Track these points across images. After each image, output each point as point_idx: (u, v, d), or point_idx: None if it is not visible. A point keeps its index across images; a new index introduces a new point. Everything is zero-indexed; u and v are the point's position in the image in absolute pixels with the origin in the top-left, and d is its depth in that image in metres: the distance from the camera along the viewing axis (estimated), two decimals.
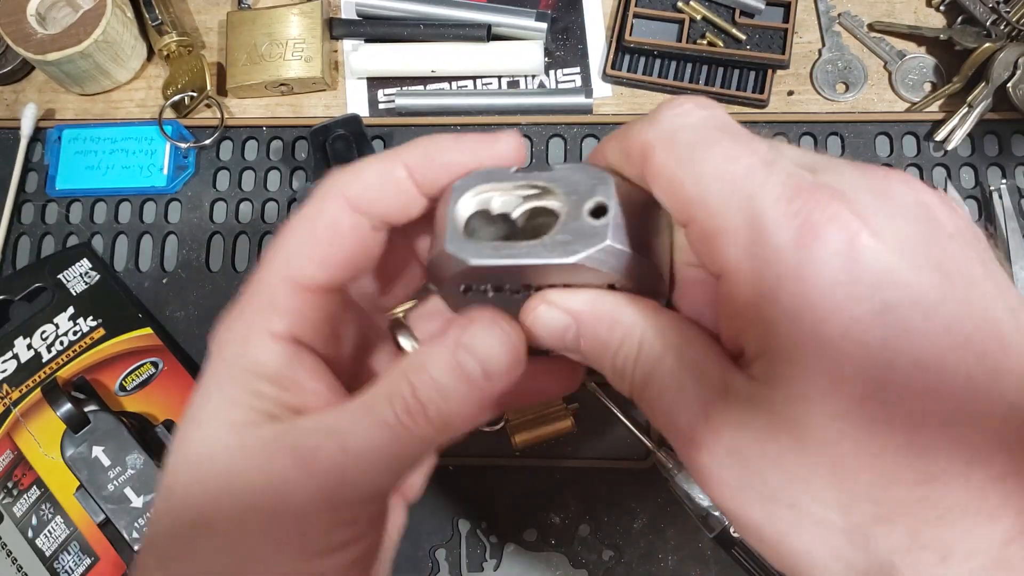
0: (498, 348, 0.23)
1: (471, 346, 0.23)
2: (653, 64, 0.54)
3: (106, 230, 0.53)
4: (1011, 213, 0.49)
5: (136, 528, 0.43)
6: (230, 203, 0.53)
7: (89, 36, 0.51)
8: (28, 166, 0.54)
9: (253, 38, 0.54)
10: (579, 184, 0.23)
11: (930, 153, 0.52)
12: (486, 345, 0.23)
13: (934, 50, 0.54)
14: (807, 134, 0.53)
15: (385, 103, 0.55)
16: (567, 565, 0.46)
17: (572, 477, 0.47)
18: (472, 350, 0.23)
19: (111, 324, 0.49)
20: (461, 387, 0.23)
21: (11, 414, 0.47)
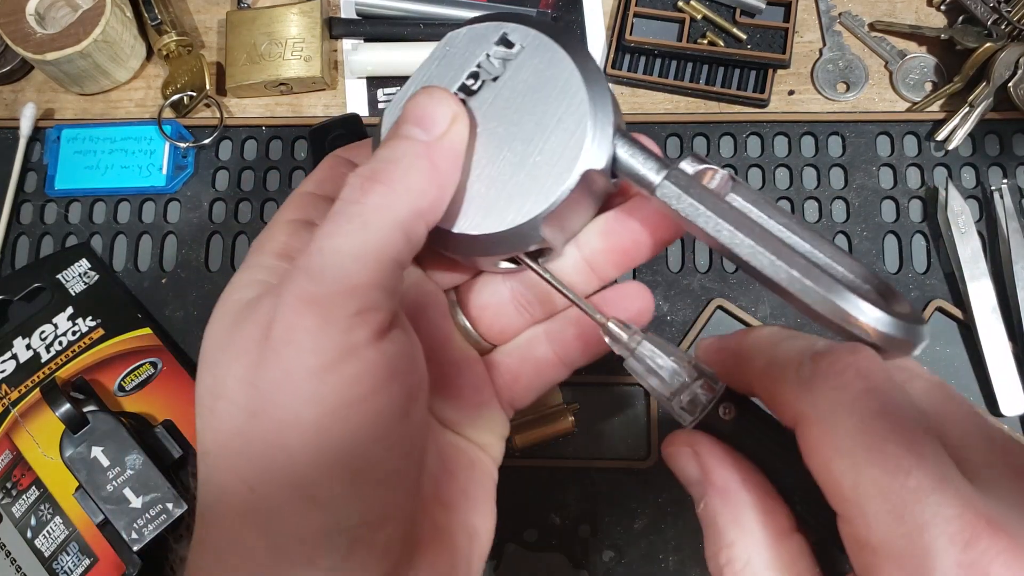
0: (424, 102, 0.24)
1: (403, 117, 0.24)
2: (653, 63, 0.54)
3: (105, 230, 0.53)
4: (1012, 213, 0.49)
5: (135, 528, 0.42)
6: (229, 203, 0.53)
7: (88, 36, 0.51)
8: (27, 166, 0.54)
9: (252, 38, 0.54)
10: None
11: (931, 153, 0.52)
12: (415, 108, 0.24)
13: (935, 50, 0.54)
14: (808, 134, 0.52)
15: (385, 103, 0.55)
16: (567, 566, 0.45)
17: (572, 477, 0.47)
18: (404, 118, 0.24)
19: (110, 324, 0.49)
20: (402, 147, 0.23)
21: (10, 414, 0.47)
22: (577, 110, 0.24)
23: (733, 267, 0.50)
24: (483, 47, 0.24)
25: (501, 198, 0.25)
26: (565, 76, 0.24)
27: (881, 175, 0.52)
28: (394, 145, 0.23)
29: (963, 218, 0.49)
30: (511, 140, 0.25)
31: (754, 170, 0.52)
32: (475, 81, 0.24)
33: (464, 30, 0.24)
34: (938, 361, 0.48)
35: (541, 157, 0.24)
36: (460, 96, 0.25)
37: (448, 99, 0.24)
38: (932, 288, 0.49)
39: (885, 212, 0.51)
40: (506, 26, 0.24)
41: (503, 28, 0.24)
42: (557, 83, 0.24)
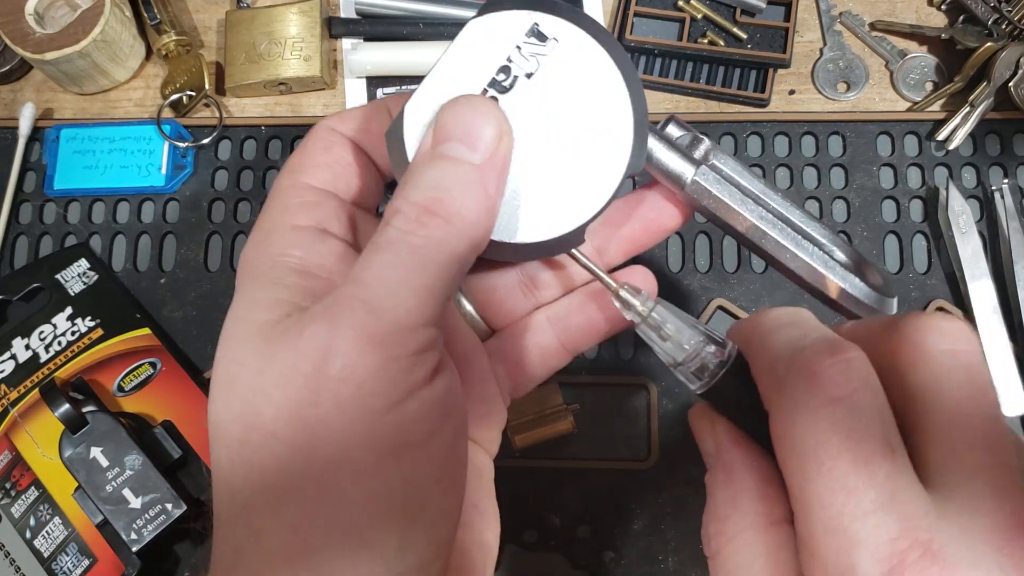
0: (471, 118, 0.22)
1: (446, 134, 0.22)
2: (654, 63, 0.54)
3: (104, 230, 0.53)
4: (1012, 213, 0.49)
5: (134, 529, 0.42)
6: (228, 203, 0.53)
7: (87, 35, 0.50)
8: (26, 166, 0.54)
9: (252, 37, 0.54)
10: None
11: (931, 153, 0.52)
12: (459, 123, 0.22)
13: (936, 49, 0.54)
14: (808, 133, 0.52)
15: None
16: (567, 566, 0.45)
17: (572, 477, 0.47)
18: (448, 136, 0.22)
19: (109, 324, 0.49)
20: (452, 172, 0.22)
21: (9, 415, 0.46)
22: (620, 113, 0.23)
23: (733, 267, 0.50)
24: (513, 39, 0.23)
25: (547, 206, 0.24)
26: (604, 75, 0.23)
27: (882, 175, 0.51)
28: (443, 168, 0.22)
29: (964, 218, 0.48)
30: (552, 144, 0.23)
31: (754, 170, 0.52)
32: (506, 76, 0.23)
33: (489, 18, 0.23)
34: None
35: (585, 162, 0.24)
36: (492, 94, 0.23)
37: (494, 112, 0.23)
38: (933, 288, 0.49)
39: (886, 212, 0.51)
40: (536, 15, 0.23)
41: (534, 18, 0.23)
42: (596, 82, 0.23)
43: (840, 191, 0.51)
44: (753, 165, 0.52)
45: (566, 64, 0.23)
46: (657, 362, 0.48)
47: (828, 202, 0.51)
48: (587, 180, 0.24)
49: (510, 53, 0.23)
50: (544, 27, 0.23)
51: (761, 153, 0.52)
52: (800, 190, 0.51)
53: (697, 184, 0.25)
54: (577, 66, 0.23)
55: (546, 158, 0.24)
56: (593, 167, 0.24)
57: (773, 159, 0.52)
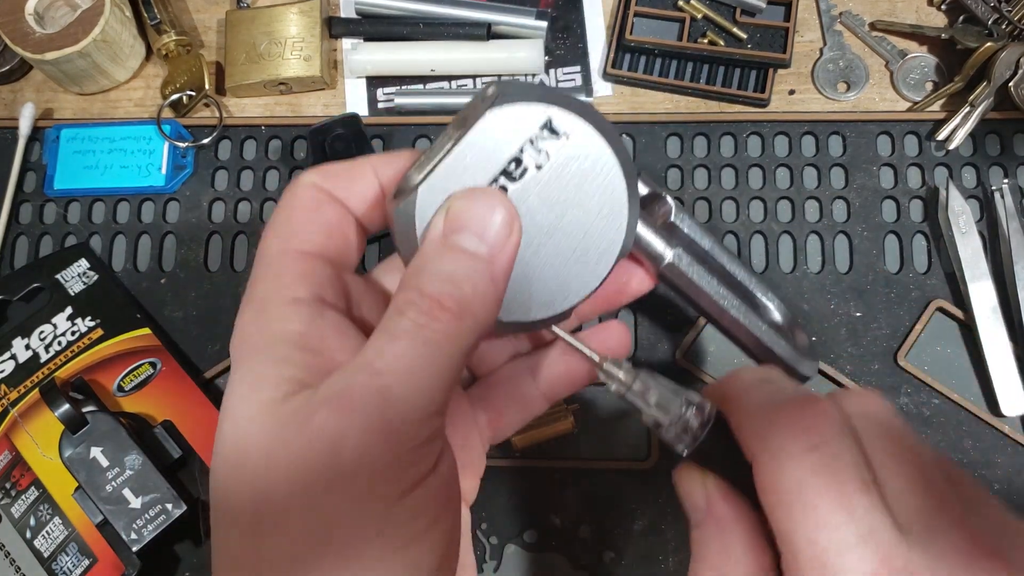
0: (487, 213, 0.23)
1: (461, 223, 0.23)
2: (654, 63, 0.54)
3: (104, 230, 0.53)
4: (1012, 213, 0.49)
5: (134, 529, 0.42)
6: (228, 203, 0.53)
7: (87, 35, 0.50)
8: (26, 166, 0.54)
9: (252, 37, 0.54)
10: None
11: (932, 152, 0.52)
12: (475, 216, 0.23)
13: (936, 49, 0.54)
14: (808, 133, 0.52)
15: (384, 102, 0.55)
16: (567, 566, 0.45)
17: (572, 477, 0.47)
18: (463, 226, 0.23)
19: (109, 324, 0.49)
20: (464, 265, 0.22)
21: (9, 415, 0.46)
22: (617, 206, 0.25)
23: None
24: (527, 131, 0.24)
25: (542, 288, 0.25)
26: (608, 171, 0.25)
27: (882, 175, 0.51)
28: (457, 261, 0.22)
29: (964, 218, 0.48)
30: (554, 231, 0.25)
31: (755, 170, 0.52)
32: (518, 167, 0.24)
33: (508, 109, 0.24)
34: (939, 361, 0.48)
35: (582, 249, 0.25)
36: (503, 182, 0.24)
37: (507, 208, 0.23)
38: (933, 288, 0.49)
39: (886, 212, 0.51)
40: (551, 110, 0.24)
41: (549, 112, 0.24)
42: (600, 178, 0.25)
43: (840, 191, 0.51)
44: (753, 165, 0.52)
45: (575, 159, 0.24)
46: (657, 362, 0.48)
47: (828, 202, 0.51)
48: (582, 265, 0.25)
49: (523, 145, 0.24)
50: (557, 122, 0.24)
51: (761, 153, 0.52)
52: (800, 190, 0.51)
53: (672, 266, 0.29)
54: (584, 161, 0.25)
55: (547, 244, 0.25)
56: (589, 253, 0.25)
57: (773, 159, 0.52)
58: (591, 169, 0.25)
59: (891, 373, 0.48)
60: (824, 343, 0.48)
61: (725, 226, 0.51)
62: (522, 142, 0.24)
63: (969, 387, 0.47)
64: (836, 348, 0.48)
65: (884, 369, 0.48)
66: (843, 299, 0.49)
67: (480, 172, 0.24)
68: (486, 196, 0.23)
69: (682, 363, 0.48)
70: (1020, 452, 0.46)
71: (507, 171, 0.24)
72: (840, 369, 0.48)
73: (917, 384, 0.47)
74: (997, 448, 0.46)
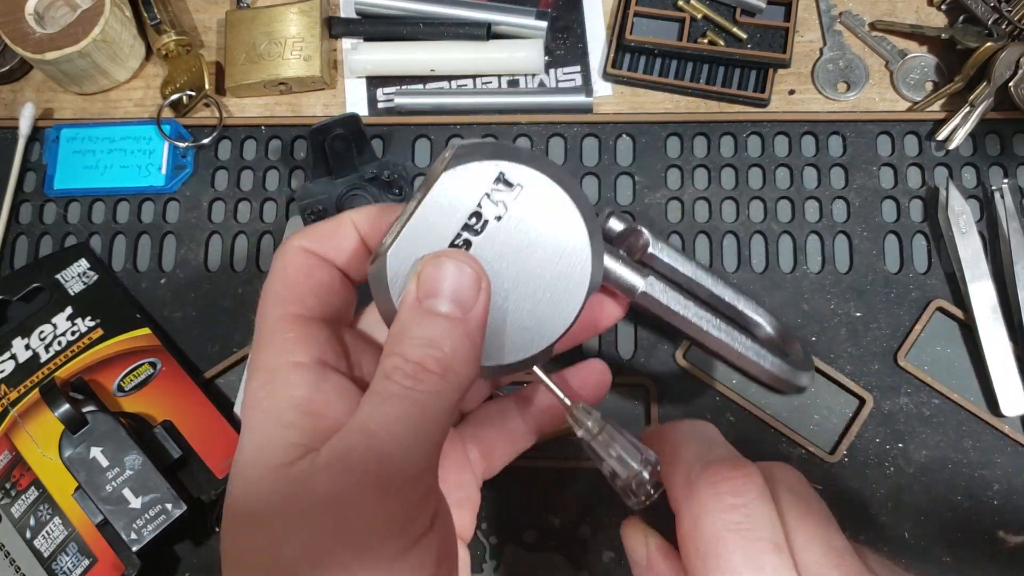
0: (455, 276, 0.24)
1: (432, 289, 0.24)
2: (654, 63, 0.54)
3: (104, 230, 0.53)
4: (1012, 213, 0.49)
5: (134, 529, 0.42)
6: (228, 203, 0.53)
7: (87, 35, 0.50)
8: (26, 166, 0.54)
9: (252, 37, 0.54)
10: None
11: (932, 152, 0.52)
12: (444, 280, 0.24)
13: (936, 49, 0.54)
14: (808, 133, 0.52)
15: (384, 102, 0.55)
16: (567, 567, 0.45)
17: (572, 477, 0.47)
18: (434, 292, 0.24)
19: (109, 324, 0.49)
20: (443, 328, 0.24)
21: (9, 415, 0.46)
22: (579, 245, 0.26)
23: (733, 267, 0.50)
24: (482, 186, 0.25)
25: (519, 332, 0.26)
26: (564, 214, 0.26)
27: (882, 175, 0.51)
28: (434, 326, 0.24)
29: (964, 218, 0.48)
30: (521, 277, 0.26)
31: (755, 170, 0.52)
32: (478, 221, 0.25)
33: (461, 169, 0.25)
34: (939, 361, 0.48)
35: (550, 290, 0.26)
36: (466, 236, 0.25)
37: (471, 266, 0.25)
38: (932, 288, 0.49)
39: (886, 212, 0.51)
40: (501, 165, 0.25)
41: (500, 167, 0.25)
42: (558, 221, 0.26)
43: (840, 191, 0.51)
44: (753, 165, 0.52)
45: (531, 207, 0.26)
46: (657, 362, 0.48)
47: (828, 202, 0.51)
48: (553, 306, 0.26)
49: (480, 200, 0.25)
50: (509, 175, 0.25)
51: (761, 153, 0.52)
52: (800, 190, 0.51)
53: (646, 295, 0.30)
54: (540, 208, 0.26)
55: (516, 290, 0.26)
56: (558, 293, 0.26)
57: (773, 159, 0.52)
58: (548, 214, 0.26)
59: (891, 373, 0.48)
60: (824, 343, 0.48)
61: (725, 226, 0.51)
62: (479, 197, 0.25)
63: (969, 387, 0.47)
64: (836, 348, 0.48)
65: (884, 369, 0.48)
66: (843, 299, 0.49)
67: (443, 231, 0.25)
68: (452, 259, 0.25)
69: (682, 363, 0.48)
70: (1020, 452, 0.46)
71: (469, 225, 0.25)
72: (840, 369, 0.48)
73: (917, 384, 0.47)
74: (997, 448, 0.46)
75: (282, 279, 0.27)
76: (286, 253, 0.27)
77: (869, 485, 0.46)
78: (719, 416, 0.47)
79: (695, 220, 0.51)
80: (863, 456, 0.46)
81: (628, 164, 0.52)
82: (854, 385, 0.47)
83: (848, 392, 0.48)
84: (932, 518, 0.45)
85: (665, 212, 0.51)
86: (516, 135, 0.53)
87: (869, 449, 0.47)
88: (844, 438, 0.46)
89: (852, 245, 0.50)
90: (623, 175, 0.52)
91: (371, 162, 0.51)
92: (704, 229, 0.51)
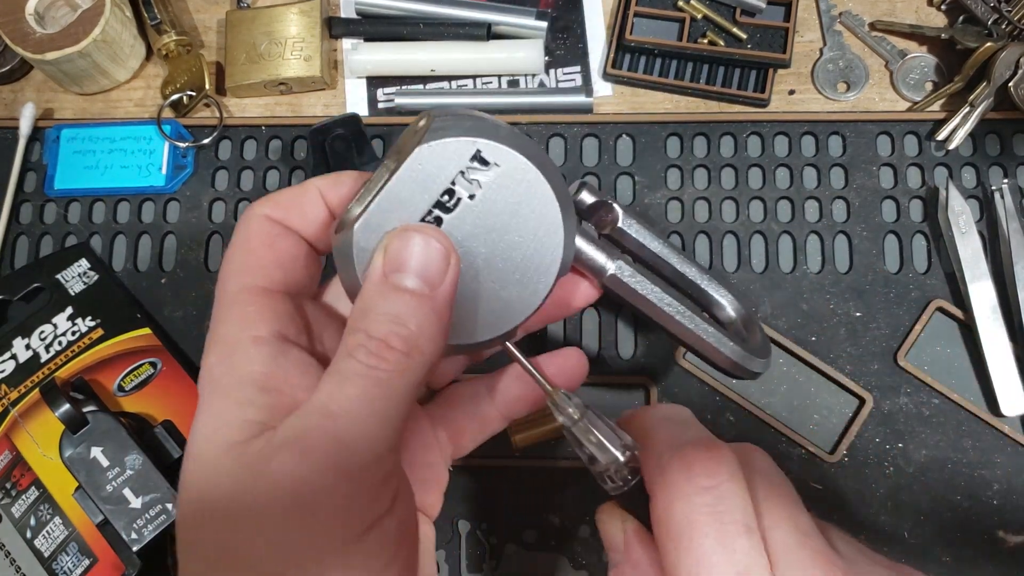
0: (423, 251, 0.24)
1: (398, 264, 0.23)
2: (654, 63, 0.54)
3: (104, 230, 0.53)
4: (1012, 213, 0.49)
5: (135, 529, 0.42)
6: (229, 203, 0.53)
7: (88, 35, 0.50)
8: (26, 166, 0.54)
9: (252, 37, 0.54)
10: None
11: (931, 152, 0.52)
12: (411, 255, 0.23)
13: (935, 49, 0.54)
14: (808, 133, 0.52)
15: (384, 102, 0.55)
16: (567, 566, 0.45)
17: (572, 477, 0.47)
18: (401, 266, 0.23)
19: (109, 324, 0.49)
20: (409, 305, 0.23)
21: (9, 414, 0.46)
22: (552, 228, 0.26)
23: (733, 267, 0.50)
24: (457, 164, 0.25)
25: (487, 311, 0.26)
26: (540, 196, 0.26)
27: (881, 175, 0.52)
28: (399, 302, 0.23)
29: (964, 218, 0.48)
30: (492, 257, 0.26)
31: (754, 170, 0.52)
32: (451, 198, 0.25)
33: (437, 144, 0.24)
34: (939, 361, 0.48)
35: (521, 271, 0.26)
36: (437, 214, 0.25)
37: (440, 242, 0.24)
38: (932, 288, 0.49)
39: (885, 212, 0.51)
40: (479, 142, 0.25)
41: (477, 144, 0.25)
42: (532, 202, 0.26)
43: (840, 191, 0.51)
44: (753, 165, 0.52)
45: (505, 187, 0.25)
46: (658, 362, 0.48)
47: (828, 202, 0.51)
48: (522, 286, 0.26)
49: (455, 177, 0.25)
50: (486, 153, 0.25)
51: (761, 153, 0.52)
52: (800, 190, 0.51)
53: (614, 277, 0.30)
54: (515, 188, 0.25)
55: (486, 269, 0.26)
56: (528, 274, 0.26)
57: (773, 159, 0.52)
58: (523, 195, 0.25)
59: (891, 373, 0.48)
60: (824, 343, 0.48)
61: (725, 226, 0.51)
62: (453, 175, 0.25)
63: (969, 387, 0.48)
64: (836, 348, 0.48)
65: (884, 369, 0.48)
66: (843, 299, 0.49)
67: (414, 206, 0.25)
68: (420, 233, 0.24)
69: (682, 363, 0.48)
70: (1020, 452, 0.46)
71: (441, 203, 0.25)
72: (840, 369, 0.48)
73: (917, 384, 0.47)
74: (997, 448, 0.46)
75: (244, 249, 0.26)
76: (249, 220, 0.26)
77: (869, 485, 0.46)
78: (719, 416, 0.47)
79: (695, 220, 0.51)
80: (863, 456, 0.46)
81: (628, 164, 0.52)
82: (854, 385, 0.47)
83: (848, 392, 0.48)
84: (932, 518, 0.45)
85: (665, 212, 0.51)
86: None
87: (869, 449, 0.47)
88: (844, 438, 0.46)
89: (852, 245, 0.50)
90: (623, 175, 0.52)
91: (371, 162, 0.51)
92: (704, 229, 0.51)
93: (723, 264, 0.50)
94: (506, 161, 0.25)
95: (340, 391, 0.22)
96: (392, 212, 0.24)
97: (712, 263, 0.50)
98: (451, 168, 0.25)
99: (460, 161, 0.25)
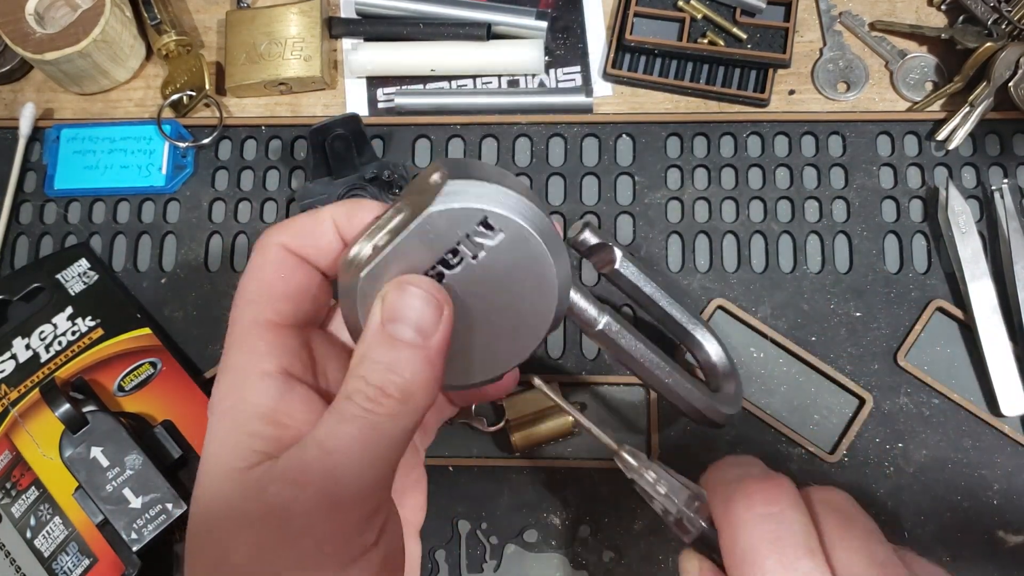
0: (419, 304, 0.25)
1: (395, 314, 0.25)
2: (654, 63, 0.54)
3: (104, 230, 0.53)
4: (1012, 213, 0.49)
5: (135, 529, 0.42)
6: (229, 203, 0.53)
7: (88, 35, 0.50)
8: (26, 166, 0.54)
9: (252, 37, 0.54)
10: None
11: (931, 153, 0.52)
12: (408, 307, 0.25)
13: (935, 49, 0.54)
14: (808, 133, 0.52)
15: (384, 102, 0.55)
16: (567, 566, 0.45)
17: (572, 477, 0.47)
18: (398, 317, 0.25)
19: (109, 324, 0.49)
20: (404, 355, 0.25)
21: (9, 414, 0.46)
22: (547, 290, 0.27)
23: (733, 267, 0.50)
24: (464, 228, 0.26)
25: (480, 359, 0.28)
26: (538, 262, 0.27)
27: (881, 175, 0.51)
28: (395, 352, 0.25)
29: (964, 218, 0.48)
30: (488, 312, 0.27)
31: (754, 170, 0.52)
32: (455, 256, 0.26)
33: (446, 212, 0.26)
34: (939, 361, 0.48)
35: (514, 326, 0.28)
36: (440, 269, 0.26)
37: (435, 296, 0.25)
38: (932, 288, 0.49)
39: (885, 212, 0.51)
40: (487, 211, 0.26)
41: (484, 212, 0.26)
42: (531, 267, 0.27)
43: (840, 191, 0.51)
44: (753, 165, 0.52)
45: (507, 251, 0.26)
46: None
47: (828, 202, 0.51)
48: (514, 340, 0.28)
49: (461, 239, 0.26)
50: (492, 220, 0.26)
51: (761, 153, 0.52)
52: (800, 190, 0.51)
53: (602, 332, 0.33)
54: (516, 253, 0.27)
55: (482, 322, 0.27)
56: (520, 329, 0.28)
57: (773, 159, 0.52)
58: (523, 259, 0.27)
59: (891, 373, 0.48)
60: (824, 343, 0.48)
61: (725, 226, 0.51)
62: (460, 237, 0.26)
63: (969, 387, 0.48)
64: (836, 348, 0.48)
65: (884, 369, 0.48)
66: (843, 299, 0.49)
67: (418, 263, 0.26)
68: (415, 286, 0.25)
69: (682, 362, 0.48)
70: (1020, 452, 0.46)
71: (445, 260, 0.26)
72: (840, 369, 0.48)
73: (917, 384, 0.47)
74: (997, 448, 0.46)
75: (258, 280, 0.27)
76: (265, 250, 0.27)
77: (869, 485, 0.46)
78: None
79: (695, 220, 0.51)
80: (863, 456, 0.46)
81: (628, 164, 0.52)
82: (854, 385, 0.47)
83: (848, 392, 0.48)
84: (932, 518, 0.45)
85: (665, 212, 0.51)
86: (516, 135, 0.53)
87: (869, 449, 0.47)
88: (844, 438, 0.46)
89: (852, 245, 0.50)
90: (623, 175, 0.52)
91: (371, 162, 0.51)
92: (704, 229, 0.51)
93: (723, 264, 0.50)
94: (510, 228, 0.26)
95: (338, 430, 0.24)
96: (397, 267, 0.26)
97: (712, 263, 0.50)
98: (458, 231, 0.26)
99: (467, 225, 0.26)
